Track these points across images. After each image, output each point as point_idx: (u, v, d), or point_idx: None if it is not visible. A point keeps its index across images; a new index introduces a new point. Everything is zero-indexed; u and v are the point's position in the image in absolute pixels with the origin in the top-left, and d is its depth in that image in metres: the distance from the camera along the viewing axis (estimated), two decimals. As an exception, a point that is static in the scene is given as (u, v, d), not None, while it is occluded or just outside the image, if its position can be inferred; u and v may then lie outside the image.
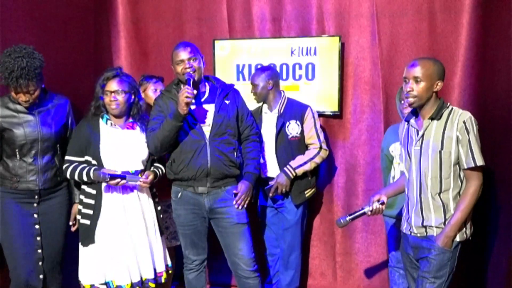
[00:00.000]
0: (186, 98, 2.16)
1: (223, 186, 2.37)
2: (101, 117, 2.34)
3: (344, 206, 3.04)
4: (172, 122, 2.23)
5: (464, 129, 1.90)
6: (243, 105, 2.49)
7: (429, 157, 1.95)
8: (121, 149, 2.32)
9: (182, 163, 2.32)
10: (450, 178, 1.94)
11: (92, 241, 2.27)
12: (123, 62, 3.25)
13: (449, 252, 1.95)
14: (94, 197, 2.29)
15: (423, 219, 1.99)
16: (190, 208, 2.38)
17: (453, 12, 2.74)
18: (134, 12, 3.24)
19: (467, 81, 2.74)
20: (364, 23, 2.89)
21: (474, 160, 1.89)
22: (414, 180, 2.02)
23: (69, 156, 2.31)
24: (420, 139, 1.99)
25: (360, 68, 2.93)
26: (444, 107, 1.97)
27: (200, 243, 2.44)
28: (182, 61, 2.30)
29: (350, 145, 3.01)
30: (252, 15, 3.06)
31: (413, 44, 2.83)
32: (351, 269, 3.07)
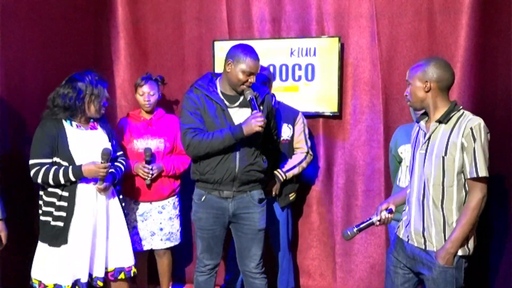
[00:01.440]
0: (259, 126, 2.12)
1: (249, 190, 2.35)
2: (65, 119, 2.30)
3: (343, 207, 3.05)
4: (232, 140, 2.18)
5: (470, 136, 1.80)
6: (272, 111, 2.44)
7: (433, 162, 1.88)
8: (89, 148, 2.32)
9: (210, 165, 2.28)
10: (453, 187, 1.86)
11: (65, 241, 2.25)
12: (123, 63, 3.27)
13: (452, 269, 1.86)
14: (67, 199, 2.26)
15: (424, 228, 1.92)
16: (212, 212, 2.36)
17: (453, 13, 2.76)
18: (134, 13, 3.24)
19: (466, 81, 2.75)
20: (364, 24, 2.90)
21: (476, 170, 1.79)
22: (416, 185, 1.96)
23: (36, 159, 2.23)
24: (426, 142, 1.93)
25: (360, 68, 2.94)
26: (454, 111, 1.89)
27: (215, 248, 2.43)
28: (251, 73, 2.22)
29: (350, 145, 3.01)
30: (251, 16, 3.07)
31: (413, 45, 2.84)
32: (350, 270, 3.07)
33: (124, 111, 3.26)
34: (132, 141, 2.74)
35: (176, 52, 3.22)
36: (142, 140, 2.73)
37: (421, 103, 1.93)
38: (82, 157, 2.27)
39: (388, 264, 2.11)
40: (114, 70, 3.27)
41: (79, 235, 2.27)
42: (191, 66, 3.19)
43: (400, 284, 2.05)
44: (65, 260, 2.26)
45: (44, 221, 2.27)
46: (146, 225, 2.75)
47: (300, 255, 3.17)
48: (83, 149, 2.29)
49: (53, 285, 2.25)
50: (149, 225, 2.75)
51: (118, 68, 3.28)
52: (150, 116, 2.79)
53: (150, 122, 2.77)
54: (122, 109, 3.29)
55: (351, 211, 3.04)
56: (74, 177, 2.21)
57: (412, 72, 1.94)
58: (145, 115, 2.79)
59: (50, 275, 2.26)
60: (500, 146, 2.35)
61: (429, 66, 1.90)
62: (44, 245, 2.27)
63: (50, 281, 2.25)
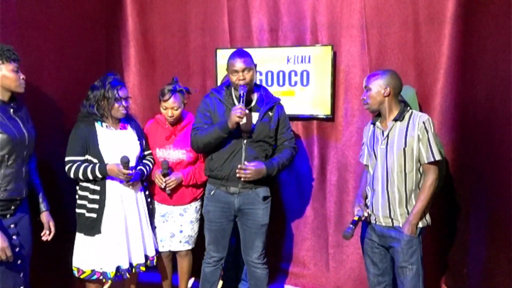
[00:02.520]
0: (238, 118, 2.25)
1: (254, 187, 2.47)
2: (96, 121, 2.46)
3: (336, 202, 3.19)
4: (219, 132, 2.33)
5: (424, 129, 2.15)
6: (285, 120, 2.56)
7: (394, 154, 2.19)
8: (119, 148, 2.45)
9: (218, 162, 2.44)
10: (412, 172, 2.19)
11: (98, 231, 2.42)
12: (132, 69, 3.43)
13: (416, 239, 2.19)
14: (99, 192, 2.42)
15: (390, 210, 2.22)
16: (220, 206, 2.50)
17: (436, 24, 2.88)
18: (143, 23, 3.39)
19: (449, 87, 2.88)
20: (355, 34, 3.02)
21: (433, 155, 2.15)
22: (380, 175, 2.24)
23: (70, 156, 2.41)
24: (385, 139, 2.23)
25: (351, 75, 3.06)
26: (405, 111, 2.23)
27: (222, 241, 2.56)
28: (236, 71, 2.36)
29: (342, 145, 3.14)
30: (251, 26, 3.20)
31: (400, 53, 2.97)
32: (342, 260, 3.20)
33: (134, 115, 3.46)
34: (154, 149, 2.71)
35: (182, 59, 3.36)
36: (164, 150, 2.69)
37: (379, 106, 2.24)
38: (111, 155, 2.42)
39: (365, 247, 2.40)
40: (125, 76, 3.42)
41: (111, 225, 2.43)
42: (195, 72, 3.33)
43: (379, 261, 2.35)
44: (101, 248, 2.42)
45: (79, 213, 2.44)
46: (167, 226, 2.74)
47: (296, 247, 3.31)
48: (112, 147, 2.44)
49: (91, 271, 2.43)
50: (170, 227, 2.74)
51: (128, 74, 3.44)
52: (174, 126, 2.72)
53: (174, 132, 2.70)
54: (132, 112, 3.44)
55: (343, 206, 3.17)
56: (100, 174, 2.38)
57: (372, 80, 2.24)
58: (170, 126, 2.72)
59: (87, 262, 2.44)
60: (480, 147, 2.53)
61: (387, 76, 2.23)
62: (81, 235, 2.44)
63: (87, 267, 2.43)
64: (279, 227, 3.29)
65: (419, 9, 2.91)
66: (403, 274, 2.21)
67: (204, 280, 2.67)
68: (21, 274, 2.10)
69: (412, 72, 2.97)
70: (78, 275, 2.47)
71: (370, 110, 2.30)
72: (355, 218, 2.29)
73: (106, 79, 2.46)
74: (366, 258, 2.41)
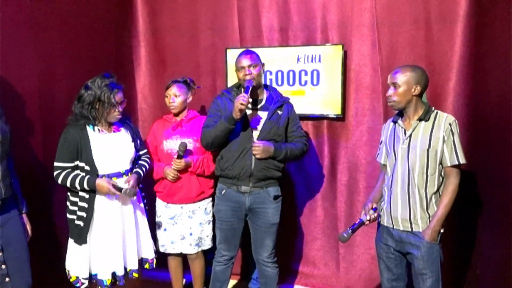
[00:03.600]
0: (240, 105, 2.27)
1: (265, 187, 2.49)
2: (88, 125, 2.31)
3: (346, 202, 3.17)
4: (225, 124, 2.35)
5: (449, 131, 2.08)
6: (295, 118, 2.59)
7: (417, 154, 2.11)
8: (112, 152, 2.34)
9: (228, 162, 2.45)
10: (435, 175, 2.11)
11: (84, 241, 2.30)
12: (143, 69, 3.45)
13: (437, 245, 2.12)
14: (87, 200, 2.28)
15: (410, 213, 2.14)
16: (230, 205, 2.52)
17: (448, 22, 2.84)
18: (153, 23, 3.40)
19: (461, 86, 2.84)
20: (365, 33, 3.00)
21: (458, 158, 2.08)
22: (400, 176, 2.16)
23: (59, 162, 2.26)
24: (407, 138, 2.15)
25: (362, 74, 3.05)
26: (430, 110, 2.15)
27: (232, 240, 2.58)
28: (243, 67, 2.41)
29: (352, 145, 3.12)
30: (261, 25, 3.20)
31: (411, 52, 2.93)
32: (353, 261, 3.19)
33: (144, 114, 3.48)
34: (161, 142, 2.72)
35: (192, 59, 3.37)
36: (170, 140, 2.70)
37: (405, 104, 2.15)
38: (105, 161, 2.30)
39: (380, 251, 2.32)
40: (136, 76, 3.45)
41: (104, 231, 2.32)
42: (205, 72, 3.34)
43: (394, 267, 2.28)
44: (89, 257, 2.32)
45: (70, 219, 2.33)
46: (177, 228, 2.74)
47: (306, 247, 3.31)
48: (105, 152, 2.31)
49: (76, 277, 2.34)
50: (180, 229, 2.74)
51: (139, 74, 3.47)
52: (181, 118, 2.76)
53: (180, 123, 2.74)
54: (142, 112, 3.49)
55: (354, 206, 3.16)
56: (88, 187, 2.24)
57: (401, 76, 2.12)
58: (177, 118, 2.77)
59: (74, 268, 2.35)
60: (492, 147, 2.50)
61: (417, 73, 2.13)
62: (71, 240, 2.35)
63: (73, 273, 2.35)
64: (289, 227, 3.28)
65: (431, 7, 2.88)
66: (423, 281, 2.14)
67: (214, 279, 2.68)
68: (7, 279, 2.00)
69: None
70: (68, 277, 2.40)
71: (395, 108, 2.19)
72: (356, 221, 2.25)
73: (103, 81, 2.29)
74: (381, 262, 2.34)
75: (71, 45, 2.84)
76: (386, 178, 2.28)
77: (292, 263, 3.35)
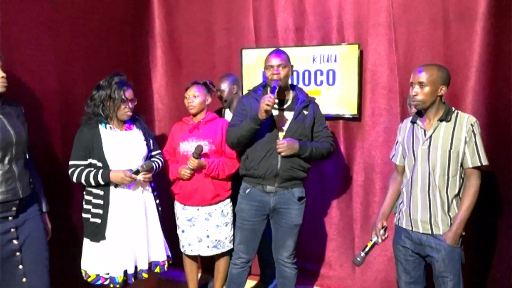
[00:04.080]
0: (266, 105, 2.25)
1: (290, 187, 2.48)
2: (100, 123, 2.38)
3: (362, 203, 3.15)
4: (251, 124, 2.34)
5: (471, 131, 2.04)
6: (321, 118, 2.56)
7: (438, 156, 2.06)
8: (124, 149, 2.40)
9: (254, 161, 2.45)
10: (456, 176, 2.06)
11: (102, 237, 2.35)
12: (159, 70, 3.49)
13: (458, 248, 2.08)
14: (102, 197, 2.35)
15: (430, 215, 2.10)
16: (254, 205, 2.50)
17: (467, 20, 2.78)
18: (169, 24, 3.43)
19: (480, 86, 2.78)
20: (382, 32, 2.96)
21: (480, 160, 2.03)
22: (419, 177, 2.12)
23: (73, 160, 2.35)
24: (428, 139, 2.10)
25: (378, 74, 3.01)
26: (451, 111, 2.10)
27: (252, 243, 2.56)
28: (271, 66, 2.39)
29: (368, 146, 3.10)
30: (276, 25, 3.19)
31: (428, 51, 2.89)
32: (368, 262, 3.15)
33: (160, 114, 3.51)
34: (178, 145, 2.72)
35: (207, 59, 3.39)
36: (186, 142, 2.69)
37: (430, 104, 2.09)
38: (116, 158, 2.36)
39: (398, 254, 2.28)
40: (152, 77, 3.48)
41: (117, 229, 2.37)
42: (221, 72, 3.32)
43: (412, 269, 2.24)
44: (107, 253, 2.36)
45: (85, 218, 2.39)
46: (194, 230, 2.73)
47: (321, 247, 3.29)
48: (117, 150, 2.37)
49: (96, 275, 2.39)
50: (197, 231, 2.73)
51: (155, 74, 3.50)
52: (198, 120, 2.74)
53: (197, 126, 2.72)
54: (159, 112, 3.52)
55: (370, 207, 3.13)
56: (102, 181, 2.31)
57: (429, 76, 2.05)
58: (195, 120, 2.76)
59: (93, 266, 2.40)
60: (511, 148, 2.45)
61: (444, 73, 2.08)
62: (87, 240, 2.41)
63: (93, 272, 2.40)
64: (304, 227, 3.16)
65: (449, 5, 2.83)
66: (444, 284, 2.10)
67: (230, 281, 2.67)
68: (24, 279, 2.00)
69: (442, 70, 2.88)
70: (85, 278, 2.44)
71: (418, 108, 2.12)
72: (368, 244, 2.22)
73: (112, 79, 2.38)
74: (398, 265, 2.30)
75: (89, 47, 2.89)
76: (404, 179, 2.24)
77: (307, 263, 3.33)
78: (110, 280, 2.40)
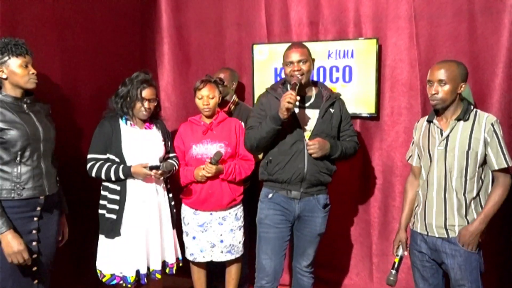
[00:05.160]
0: (287, 103, 2.09)
1: (316, 193, 2.34)
2: (121, 118, 2.42)
3: (380, 207, 3.04)
4: (271, 124, 2.19)
5: (492, 131, 1.94)
6: (347, 116, 2.44)
7: (455, 157, 1.97)
8: (141, 147, 2.40)
9: (279, 165, 2.29)
10: (474, 178, 1.97)
11: (117, 233, 2.35)
12: (166, 67, 3.41)
13: (475, 254, 1.96)
14: (119, 192, 2.36)
15: (446, 219, 2.00)
16: (279, 209, 2.34)
17: (494, 13, 2.69)
18: (177, 19, 3.36)
19: (509, 82, 2.69)
20: (402, 25, 2.87)
21: (506, 160, 1.95)
22: (435, 179, 2.03)
23: (92, 154, 2.38)
24: (445, 140, 2.01)
25: (398, 70, 2.92)
26: (469, 109, 2.00)
27: (279, 252, 2.36)
28: (291, 62, 2.25)
29: (387, 146, 2.99)
30: (289, 19, 3.11)
31: (452, 46, 2.79)
32: (387, 271, 2.86)
33: (167, 113, 3.40)
34: (191, 147, 2.61)
35: (217, 56, 3.31)
36: (201, 145, 2.59)
37: (450, 102, 2.00)
38: (133, 154, 2.37)
39: (414, 260, 2.18)
40: (159, 74, 3.41)
41: (131, 227, 2.36)
42: (231, 69, 3.27)
43: (430, 276, 2.14)
44: (122, 251, 2.36)
45: (101, 214, 2.40)
46: (206, 236, 2.64)
47: (337, 254, 3.18)
48: (134, 147, 2.39)
49: (110, 275, 2.38)
50: (209, 236, 2.63)
51: (162, 72, 3.42)
52: (210, 120, 2.63)
53: (210, 127, 2.62)
54: (165, 110, 3.40)
55: (388, 212, 3.02)
56: (123, 176, 2.33)
57: (449, 73, 1.97)
58: (205, 120, 2.65)
59: (108, 266, 2.38)
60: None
61: (463, 70, 1.99)
62: (102, 236, 2.40)
63: (108, 271, 2.38)
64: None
65: (474, -3, 2.73)
66: None
67: None
68: (35, 281, 2.03)
69: (467, 66, 2.66)
70: (101, 278, 2.43)
71: (438, 107, 2.03)
72: (395, 260, 2.13)
73: (137, 77, 2.42)
74: (415, 271, 2.19)
75: (95, 43, 2.88)
76: (420, 181, 2.14)
77: (322, 271, 3.19)
78: (122, 280, 2.39)
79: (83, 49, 2.76)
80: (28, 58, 2.00)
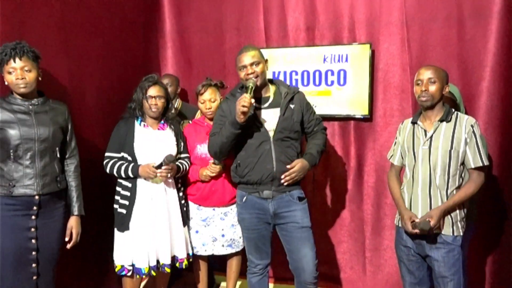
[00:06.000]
0: (242, 107, 2.10)
1: (288, 190, 2.33)
2: (136, 119, 2.54)
3: (373, 204, 3.11)
4: (230, 129, 2.20)
5: (472, 132, 2.07)
6: (308, 107, 2.42)
7: (439, 155, 2.09)
8: (153, 147, 2.50)
9: (248, 167, 2.30)
10: (456, 176, 2.09)
11: (127, 228, 2.47)
12: (170, 70, 3.47)
13: (457, 247, 2.08)
14: (130, 189, 2.48)
15: None
16: (255, 212, 2.37)
17: (482, 19, 2.75)
18: (179, 24, 3.43)
19: (495, 85, 2.74)
20: (394, 31, 2.93)
21: (482, 160, 2.06)
22: (420, 177, 2.13)
23: (108, 152, 2.52)
24: (428, 140, 2.13)
25: (390, 73, 2.98)
26: (451, 111, 2.13)
27: (263, 248, 2.43)
28: (244, 66, 2.23)
29: (380, 146, 3.06)
30: (287, 25, 3.17)
31: (442, 50, 2.85)
32: (380, 265, 3.12)
33: (170, 115, 3.51)
34: (195, 147, 2.69)
35: (218, 59, 3.37)
36: (205, 145, 2.59)
37: (437, 101, 2.13)
38: (144, 153, 2.48)
39: (400, 254, 2.28)
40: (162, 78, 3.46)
41: (140, 222, 2.46)
42: (231, 72, 3.31)
43: (416, 269, 2.24)
44: (131, 244, 2.46)
45: (115, 208, 2.53)
46: (208, 230, 2.71)
47: (331, 250, 3.25)
48: (146, 146, 2.49)
49: (120, 266, 2.50)
50: (211, 231, 2.71)
51: None
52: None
53: None
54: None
55: (381, 209, 3.09)
56: (132, 174, 2.45)
57: (437, 73, 2.11)
58: (209, 121, 2.69)
59: (119, 257, 2.51)
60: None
61: (445, 73, 2.14)
62: (116, 229, 2.52)
63: (119, 262, 2.51)
64: (314, 229, 3.13)
65: (464, 3, 2.79)
66: (444, 284, 2.10)
67: None
68: (34, 277, 2.07)
69: (456, 70, 2.84)
70: (115, 269, 2.54)
71: (427, 105, 2.12)
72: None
73: (145, 78, 2.55)
74: (402, 266, 2.29)
75: (100, 47, 2.91)
76: (404, 179, 2.26)
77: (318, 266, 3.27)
78: (135, 271, 2.50)
79: (89, 54, 2.79)
80: (19, 62, 2.00)
